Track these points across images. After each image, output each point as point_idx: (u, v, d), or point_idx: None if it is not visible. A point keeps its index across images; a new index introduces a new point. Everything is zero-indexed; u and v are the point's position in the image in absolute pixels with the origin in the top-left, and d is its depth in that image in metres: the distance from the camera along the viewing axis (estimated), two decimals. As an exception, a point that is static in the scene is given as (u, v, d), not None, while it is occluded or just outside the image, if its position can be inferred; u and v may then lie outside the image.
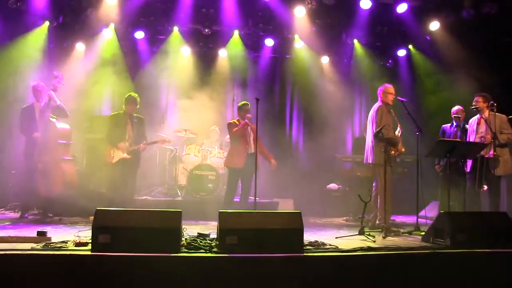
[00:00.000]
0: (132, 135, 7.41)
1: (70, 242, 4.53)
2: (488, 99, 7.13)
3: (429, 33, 10.04)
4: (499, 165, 6.96)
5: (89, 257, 4.06)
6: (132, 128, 7.43)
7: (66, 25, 9.54)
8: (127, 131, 7.40)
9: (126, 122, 7.42)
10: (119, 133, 7.36)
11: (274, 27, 10.27)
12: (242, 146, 7.40)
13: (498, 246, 4.83)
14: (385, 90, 7.10)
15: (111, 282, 3.94)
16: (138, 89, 9.81)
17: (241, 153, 7.38)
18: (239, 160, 7.35)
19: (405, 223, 7.89)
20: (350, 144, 11.29)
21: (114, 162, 7.31)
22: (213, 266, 4.14)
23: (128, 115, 7.47)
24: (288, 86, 11.39)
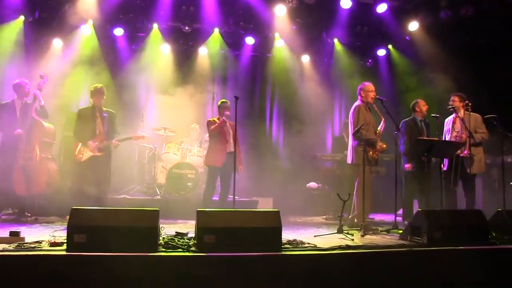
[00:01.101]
0: (102, 130, 7.06)
1: (44, 242, 4.43)
2: (464, 98, 7.23)
3: (408, 33, 10.13)
4: (474, 163, 7.08)
5: (64, 257, 3.97)
6: (103, 123, 7.08)
7: (43, 21, 9.37)
8: (97, 126, 7.04)
9: (95, 117, 7.05)
10: (88, 129, 6.99)
11: (254, 26, 10.25)
12: (222, 144, 7.36)
13: (473, 243, 4.90)
14: (364, 88, 7.11)
15: (87, 282, 3.86)
16: (117, 87, 9.76)
17: (220, 151, 7.33)
18: (219, 158, 7.30)
19: (383, 222, 7.94)
20: (330, 143, 11.33)
21: (84, 159, 6.96)
22: (190, 265, 4.10)
23: (97, 109, 7.09)
24: (268, 84, 11.39)
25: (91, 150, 6.94)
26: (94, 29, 9.71)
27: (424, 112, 7.48)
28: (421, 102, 7.52)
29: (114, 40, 10.10)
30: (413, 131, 7.36)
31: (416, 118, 7.50)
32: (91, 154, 6.96)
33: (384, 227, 6.62)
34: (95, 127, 7.02)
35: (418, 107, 7.50)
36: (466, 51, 9.25)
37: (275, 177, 9.84)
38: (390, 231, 6.16)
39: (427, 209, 6.15)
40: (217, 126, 7.34)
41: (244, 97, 9.76)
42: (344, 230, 5.80)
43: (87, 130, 6.98)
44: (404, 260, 4.55)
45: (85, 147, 6.97)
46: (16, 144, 6.89)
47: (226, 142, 7.36)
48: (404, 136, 7.35)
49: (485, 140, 7.18)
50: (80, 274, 3.88)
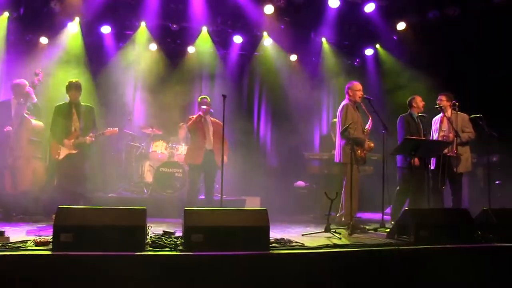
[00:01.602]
0: (79, 126, 6.87)
1: (30, 241, 4.36)
2: (451, 98, 7.29)
3: (396, 33, 10.18)
4: (461, 162, 7.14)
5: (50, 257, 3.93)
6: (79, 119, 6.89)
7: (28, 18, 9.22)
8: (73, 122, 6.85)
9: (71, 113, 6.88)
10: (64, 126, 6.83)
11: (242, 25, 10.22)
12: (200, 141, 7.22)
13: (460, 241, 4.95)
14: (352, 87, 7.15)
15: (73, 282, 3.83)
16: (104, 85, 9.68)
17: (199, 148, 7.21)
18: (197, 155, 7.18)
19: (370, 220, 7.97)
20: (318, 142, 11.35)
21: (61, 158, 6.82)
22: (178, 264, 4.08)
23: (74, 105, 6.91)
24: (256, 83, 11.38)
25: (67, 147, 6.79)
26: (81, 26, 9.61)
27: (421, 108, 7.51)
28: (418, 98, 7.54)
29: (101, 37, 10.01)
30: (411, 126, 7.36)
31: (413, 114, 7.51)
32: (67, 152, 6.81)
33: (371, 225, 6.67)
34: (71, 124, 6.86)
35: (415, 102, 7.52)
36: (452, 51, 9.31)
37: (263, 176, 9.84)
38: (377, 230, 6.20)
39: (414, 208, 6.18)
40: (192, 122, 7.18)
41: (232, 96, 9.72)
42: (331, 229, 5.81)
43: (63, 128, 6.83)
44: (391, 259, 4.57)
45: (61, 145, 6.83)
46: (7, 143, 6.82)
47: (205, 139, 7.21)
48: (403, 132, 7.33)
49: (472, 140, 7.25)
50: (67, 274, 3.84)
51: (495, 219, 5.31)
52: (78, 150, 6.83)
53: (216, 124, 7.37)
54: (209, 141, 7.21)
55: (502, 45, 8.73)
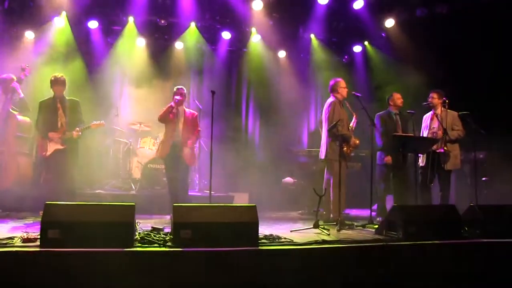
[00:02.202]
0: (65, 121, 6.73)
1: (17, 238, 4.33)
2: (442, 95, 7.34)
3: (384, 30, 10.22)
4: (449, 160, 7.19)
5: (38, 253, 3.90)
6: (65, 113, 6.75)
7: (13, 12, 9.10)
8: (59, 117, 6.72)
9: (56, 108, 6.73)
10: (50, 121, 6.69)
11: (231, 20, 10.21)
12: (169, 133, 6.99)
13: (447, 237, 5.00)
14: (338, 84, 7.18)
15: (62, 279, 3.81)
16: (91, 81, 9.60)
17: (165, 141, 6.99)
18: (163, 149, 6.99)
19: (358, 217, 8.01)
20: (306, 138, 11.38)
21: (49, 154, 6.69)
22: (167, 260, 4.08)
23: (59, 100, 6.78)
24: (244, 79, 11.36)
25: (53, 141, 6.67)
26: (68, 21, 9.51)
27: (398, 105, 7.56)
28: (396, 95, 7.60)
29: (88, 32, 9.91)
30: (387, 124, 7.42)
31: (391, 112, 7.57)
32: (54, 148, 6.70)
33: (359, 222, 6.69)
34: (57, 119, 6.73)
35: (392, 100, 7.59)
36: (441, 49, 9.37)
37: (251, 172, 9.83)
38: (365, 226, 6.23)
39: (402, 204, 6.23)
40: (162, 113, 6.91)
41: (220, 92, 9.71)
42: (320, 225, 5.83)
43: (48, 123, 6.71)
44: (380, 254, 4.60)
45: (48, 141, 6.71)
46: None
47: (174, 131, 6.93)
48: (380, 130, 7.41)
49: (461, 138, 7.29)
50: (54, 270, 3.82)
51: (481, 215, 5.36)
52: (66, 145, 6.72)
53: (190, 116, 7.12)
54: (178, 133, 6.94)
55: (489, 43, 8.79)
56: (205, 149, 9.47)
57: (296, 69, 11.00)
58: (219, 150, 8.38)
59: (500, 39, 8.70)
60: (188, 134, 6.96)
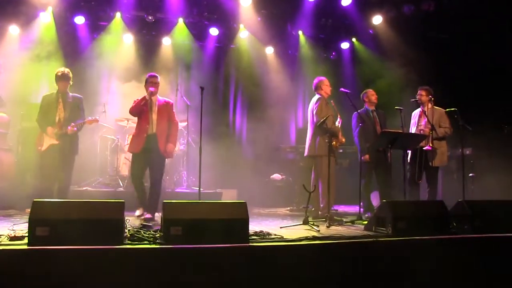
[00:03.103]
0: (63, 117, 6.66)
1: (3, 236, 4.25)
2: (430, 92, 7.37)
3: (372, 27, 10.25)
4: (437, 156, 7.22)
5: (26, 251, 3.84)
6: (65, 109, 6.68)
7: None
8: (58, 112, 6.66)
9: (57, 103, 6.68)
10: (49, 116, 6.65)
11: (219, 16, 10.17)
12: (142, 125, 6.53)
13: (436, 232, 5.02)
14: (324, 82, 7.22)
15: (50, 277, 3.75)
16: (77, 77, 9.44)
17: (139, 134, 6.53)
18: (137, 143, 6.50)
19: (347, 213, 8.03)
20: (294, 135, 11.38)
21: (44, 149, 6.62)
22: (157, 257, 4.04)
23: (61, 95, 6.73)
24: (232, 75, 11.33)
25: (50, 136, 6.58)
26: (54, 16, 9.39)
27: (373, 101, 7.58)
28: (370, 92, 7.63)
29: (74, 28, 9.80)
30: (365, 122, 7.43)
31: (368, 109, 7.59)
32: (50, 143, 6.61)
33: (348, 218, 6.72)
34: (55, 114, 6.67)
35: (366, 97, 7.63)
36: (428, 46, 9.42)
37: (239, 168, 9.81)
38: (354, 222, 6.25)
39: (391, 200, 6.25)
40: (135, 106, 6.50)
41: (208, 88, 9.65)
42: (309, 221, 5.83)
43: (48, 118, 6.65)
44: (370, 250, 4.61)
45: (45, 135, 6.63)
46: None
47: (147, 124, 6.48)
48: (357, 128, 7.42)
49: (448, 135, 7.33)
50: (43, 268, 3.76)
51: (469, 210, 5.40)
52: (60, 141, 6.61)
53: (164, 105, 6.70)
54: (152, 125, 6.51)
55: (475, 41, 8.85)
56: (193, 146, 9.43)
57: (284, 65, 11.00)
58: (207, 146, 8.33)
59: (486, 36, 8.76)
60: (164, 125, 6.56)
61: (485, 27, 8.69)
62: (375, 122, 7.51)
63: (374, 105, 7.61)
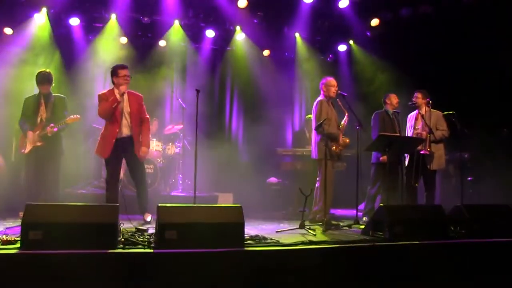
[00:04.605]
0: (46, 117, 6.55)
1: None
2: (426, 95, 7.37)
3: (370, 29, 10.26)
4: (434, 160, 7.22)
5: (18, 255, 3.83)
6: (46, 110, 6.57)
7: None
8: (40, 113, 6.56)
9: (39, 104, 6.59)
10: (31, 117, 6.57)
11: (215, 18, 10.14)
12: (111, 128, 6.08)
13: (433, 237, 5.03)
14: (326, 82, 7.21)
15: (43, 281, 3.74)
16: (72, 79, 9.47)
17: (108, 137, 6.09)
18: (106, 146, 6.07)
19: (344, 217, 8.03)
20: (290, 138, 11.37)
21: (27, 152, 6.53)
22: (151, 262, 4.03)
23: (43, 96, 6.62)
24: (228, 78, 11.32)
25: (30, 140, 6.50)
26: (48, 18, 9.36)
27: (395, 105, 7.59)
28: (392, 95, 7.63)
29: (69, 30, 9.76)
30: (386, 123, 7.44)
31: (388, 110, 7.60)
32: (32, 145, 6.53)
33: (345, 222, 6.70)
34: (37, 115, 6.57)
35: (389, 99, 7.60)
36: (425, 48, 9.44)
37: (235, 172, 9.81)
38: (351, 226, 6.24)
39: (388, 204, 6.25)
40: (106, 109, 5.98)
41: (204, 91, 9.58)
42: (306, 225, 5.83)
43: (29, 119, 6.58)
44: (367, 255, 4.61)
45: (26, 138, 6.55)
46: None
47: (118, 124, 6.08)
48: (377, 128, 7.40)
49: (445, 138, 7.33)
50: (36, 273, 3.75)
51: (467, 215, 5.41)
52: (44, 142, 6.53)
53: (133, 101, 6.19)
54: (126, 125, 6.14)
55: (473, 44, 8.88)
56: (189, 149, 9.42)
57: (280, 68, 10.99)
58: (203, 149, 8.29)
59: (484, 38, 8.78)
60: (137, 125, 6.19)
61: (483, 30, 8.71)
62: (394, 124, 7.51)
63: (394, 108, 7.61)
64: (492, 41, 8.63)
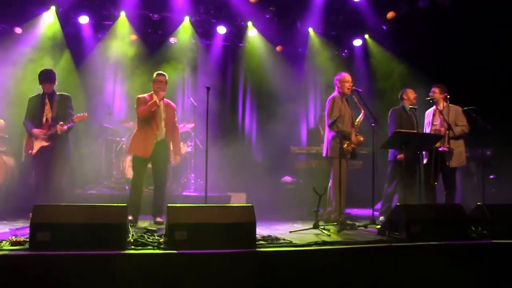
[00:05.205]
0: (51, 117, 6.48)
1: (5, 241, 4.27)
2: (444, 90, 7.28)
3: (385, 23, 10.17)
4: (454, 157, 7.11)
5: (27, 257, 3.86)
6: (52, 109, 6.50)
7: (0, 6, 9.00)
8: (45, 113, 6.50)
9: (43, 103, 6.53)
10: (35, 117, 6.51)
11: (226, 14, 10.13)
12: (152, 130, 6.51)
13: (453, 238, 4.96)
14: (340, 78, 7.16)
15: (52, 283, 3.77)
16: (82, 78, 9.54)
17: (148, 138, 6.49)
18: (146, 147, 6.46)
19: (360, 217, 7.98)
20: (305, 136, 11.33)
21: (35, 152, 6.47)
22: (161, 263, 4.04)
23: (47, 95, 6.56)
24: (241, 75, 11.30)
25: (37, 139, 6.45)
26: (57, 16, 9.44)
27: (412, 101, 7.50)
28: (410, 91, 7.54)
29: (78, 28, 9.83)
30: (403, 119, 7.37)
31: (405, 107, 7.52)
32: (40, 145, 6.47)
33: (361, 222, 6.66)
34: (43, 115, 6.53)
35: (406, 95, 7.51)
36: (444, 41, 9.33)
37: (248, 171, 9.80)
38: (367, 226, 6.20)
39: (405, 203, 6.20)
40: (146, 111, 6.46)
41: (216, 88, 9.69)
42: (320, 225, 5.80)
43: (34, 119, 6.54)
44: (382, 256, 4.57)
45: (33, 138, 6.52)
46: None
47: (157, 128, 6.52)
48: (394, 125, 7.33)
49: (465, 134, 7.21)
50: (44, 274, 3.78)
51: (489, 214, 5.33)
52: (51, 142, 6.47)
53: (169, 109, 6.77)
54: (161, 130, 6.57)
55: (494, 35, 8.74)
56: (201, 147, 9.43)
57: (293, 64, 10.94)
58: (215, 148, 8.34)
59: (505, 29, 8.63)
60: (170, 130, 6.65)
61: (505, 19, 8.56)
62: (412, 120, 7.44)
63: (412, 104, 7.54)
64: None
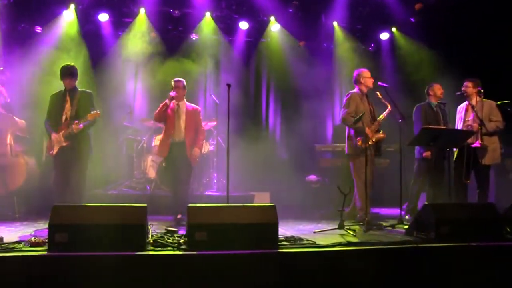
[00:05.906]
0: (70, 115, 6.36)
1: (24, 242, 4.37)
2: (477, 84, 7.14)
3: (413, 15, 10.04)
4: (487, 154, 6.97)
5: (45, 258, 3.94)
6: (72, 107, 6.39)
7: (20, 5, 9.13)
8: (65, 111, 6.39)
9: (64, 100, 6.41)
10: (55, 116, 6.43)
11: (248, 9, 10.14)
12: (166, 132, 6.95)
13: (485, 238, 4.86)
14: (363, 74, 7.14)
15: (70, 284, 3.83)
16: (102, 76, 9.64)
17: (164, 140, 7.00)
18: (163, 148, 6.97)
19: (388, 216, 7.90)
20: (330, 133, 11.27)
21: (56, 153, 6.40)
22: (181, 264, 4.07)
23: (68, 92, 6.44)
24: (264, 71, 11.28)
25: (55, 142, 6.41)
26: (77, 14, 9.57)
27: (439, 96, 7.41)
28: (436, 86, 7.45)
29: (98, 25, 9.95)
30: (428, 116, 7.28)
31: (431, 103, 7.43)
32: (60, 145, 6.41)
33: (388, 222, 6.60)
34: (63, 113, 6.44)
35: (432, 90, 7.43)
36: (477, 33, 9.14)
37: (272, 169, 9.80)
38: (395, 226, 6.14)
39: (434, 202, 6.11)
40: (156, 112, 6.90)
41: (239, 85, 9.69)
42: (345, 225, 5.76)
43: (54, 118, 6.49)
44: (409, 257, 4.52)
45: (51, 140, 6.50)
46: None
47: (173, 130, 6.88)
48: (419, 122, 7.26)
49: (499, 129, 7.07)
50: (62, 275, 3.84)
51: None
52: (70, 141, 6.36)
53: (192, 112, 7.05)
54: (179, 132, 6.89)
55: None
56: (223, 146, 9.45)
57: (318, 59, 10.87)
58: (238, 146, 8.34)
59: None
60: (191, 131, 6.91)
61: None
62: (438, 117, 7.35)
63: (439, 99, 7.45)
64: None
